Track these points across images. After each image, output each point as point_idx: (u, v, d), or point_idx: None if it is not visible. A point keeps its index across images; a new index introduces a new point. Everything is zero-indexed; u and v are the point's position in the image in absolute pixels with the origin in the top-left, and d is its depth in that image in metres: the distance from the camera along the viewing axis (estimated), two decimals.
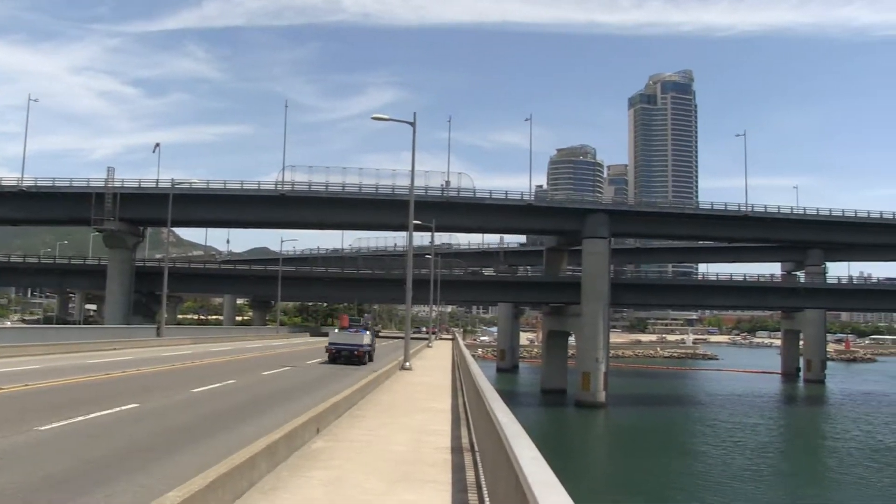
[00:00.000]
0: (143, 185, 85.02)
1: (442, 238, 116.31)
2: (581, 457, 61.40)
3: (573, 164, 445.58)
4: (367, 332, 45.75)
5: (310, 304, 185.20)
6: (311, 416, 15.73)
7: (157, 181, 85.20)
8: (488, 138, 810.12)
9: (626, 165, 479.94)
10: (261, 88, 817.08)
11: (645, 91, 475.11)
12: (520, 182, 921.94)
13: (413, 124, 40.98)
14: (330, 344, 44.08)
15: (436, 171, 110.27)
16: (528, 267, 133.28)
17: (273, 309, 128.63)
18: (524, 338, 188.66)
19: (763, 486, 49.22)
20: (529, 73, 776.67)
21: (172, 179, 73.17)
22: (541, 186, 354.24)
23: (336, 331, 46.42)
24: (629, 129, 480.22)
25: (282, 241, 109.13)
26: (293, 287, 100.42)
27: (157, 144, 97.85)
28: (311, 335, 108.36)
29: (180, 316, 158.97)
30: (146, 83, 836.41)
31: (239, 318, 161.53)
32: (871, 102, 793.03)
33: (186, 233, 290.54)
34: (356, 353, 42.96)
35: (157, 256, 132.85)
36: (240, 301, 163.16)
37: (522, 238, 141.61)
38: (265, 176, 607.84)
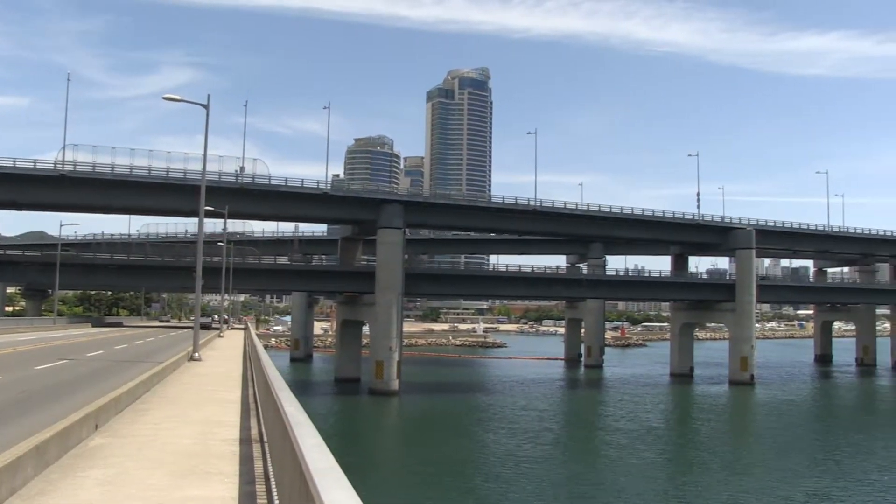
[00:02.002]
0: None
1: (235, 225, 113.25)
2: (372, 444, 62.05)
3: (371, 155, 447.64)
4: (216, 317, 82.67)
5: (93, 292, 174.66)
6: (89, 411, 14.83)
7: None
8: (286, 125, 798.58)
9: (422, 157, 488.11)
10: (42, 59, 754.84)
11: (443, 85, 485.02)
12: (317, 170, 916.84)
13: (207, 107, 39.60)
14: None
15: (231, 156, 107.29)
16: (324, 256, 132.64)
17: (50, 298, 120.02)
18: (318, 327, 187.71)
19: (544, 467, 51.91)
20: (329, 61, 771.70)
21: None
22: (338, 175, 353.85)
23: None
24: (427, 121, 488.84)
25: (61, 225, 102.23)
26: (74, 275, 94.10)
27: None
28: (94, 326, 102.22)
29: None
30: None
31: (9, 309, 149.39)
32: (647, 110, 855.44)
33: None
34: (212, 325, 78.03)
35: None
36: (11, 290, 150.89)
37: (318, 227, 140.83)
38: (44, 154, 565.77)
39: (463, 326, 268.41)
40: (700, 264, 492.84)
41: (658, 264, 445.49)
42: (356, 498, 4.51)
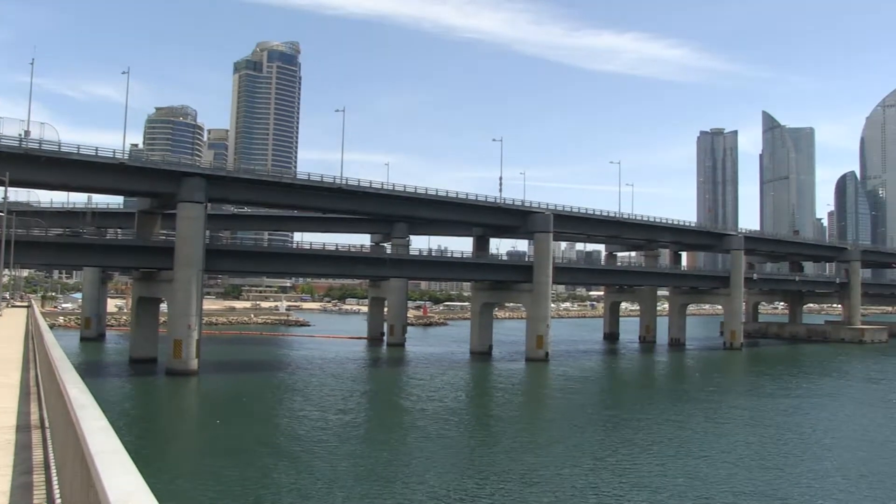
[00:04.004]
0: None
1: (19, 194, 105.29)
2: (166, 426, 59.96)
3: (172, 125, 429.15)
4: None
5: None
6: None
7: None
8: (80, 89, 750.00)
9: (227, 130, 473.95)
10: None
11: (251, 58, 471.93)
12: (114, 139, 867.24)
13: None
14: None
15: (14, 118, 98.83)
16: (119, 229, 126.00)
17: None
18: (113, 304, 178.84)
19: (342, 447, 52.20)
20: (129, 23, 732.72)
21: None
22: (136, 146, 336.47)
23: None
24: (233, 94, 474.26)
25: None
26: None
27: None
28: None
29: None
30: None
31: None
32: (456, 94, 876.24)
33: None
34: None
35: None
36: None
37: (113, 199, 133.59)
38: None
39: (265, 304, 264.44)
40: (501, 246, 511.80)
41: (461, 245, 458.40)
42: (141, 482, 4.38)
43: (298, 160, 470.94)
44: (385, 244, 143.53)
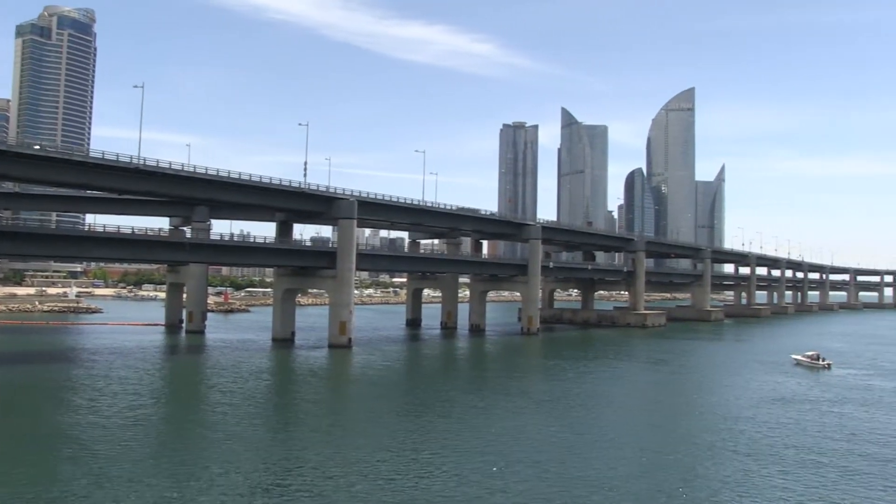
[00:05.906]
0: None
1: None
2: None
3: None
4: None
5: None
6: None
7: None
8: None
9: (9, 101, 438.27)
10: None
11: (38, 22, 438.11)
12: None
13: None
14: None
15: None
16: None
17: None
18: None
19: (138, 443, 50.15)
20: None
21: None
22: None
23: None
24: (15, 60, 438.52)
25: None
26: None
27: None
28: None
29: None
30: None
31: None
32: (261, 76, 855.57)
33: None
34: None
35: None
36: None
37: None
38: None
39: (52, 290, 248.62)
40: (305, 232, 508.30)
41: (264, 230, 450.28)
42: None
43: (92, 137, 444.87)
44: (185, 228, 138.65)
